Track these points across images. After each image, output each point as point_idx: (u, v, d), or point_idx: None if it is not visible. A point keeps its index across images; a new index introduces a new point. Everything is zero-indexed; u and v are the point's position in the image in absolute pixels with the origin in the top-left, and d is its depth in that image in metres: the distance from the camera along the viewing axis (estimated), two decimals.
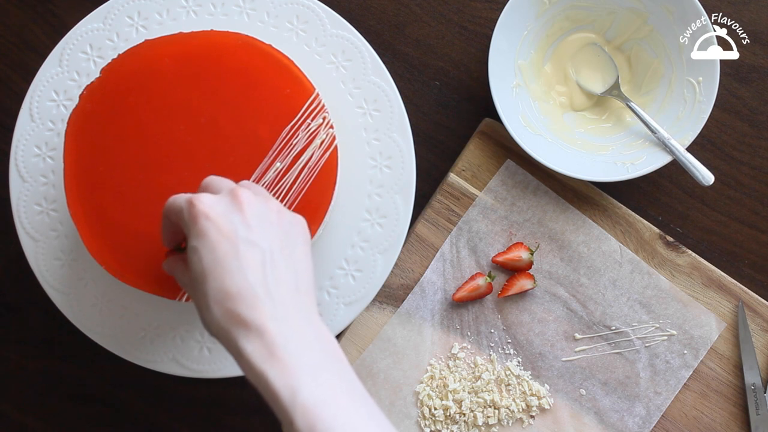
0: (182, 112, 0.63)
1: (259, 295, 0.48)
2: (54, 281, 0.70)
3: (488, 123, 0.77)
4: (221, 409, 0.78)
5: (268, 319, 0.47)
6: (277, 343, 0.46)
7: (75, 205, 0.63)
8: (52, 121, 0.71)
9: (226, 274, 0.48)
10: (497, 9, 0.77)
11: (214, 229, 0.50)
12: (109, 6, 0.71)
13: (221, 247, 0.49)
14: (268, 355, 0.46)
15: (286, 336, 0.47)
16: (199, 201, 0.51)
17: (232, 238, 0.50)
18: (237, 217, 0.51)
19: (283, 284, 0.50)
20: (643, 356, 0.75)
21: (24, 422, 0.78)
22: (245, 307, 0.48)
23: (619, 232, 0.76)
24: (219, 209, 0.51)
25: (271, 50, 0.65)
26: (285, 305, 0.49)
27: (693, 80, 0.73)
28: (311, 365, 0.47)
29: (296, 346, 0.47)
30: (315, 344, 0.48)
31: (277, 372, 0.46)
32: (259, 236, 0.51)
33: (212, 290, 0.48)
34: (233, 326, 0.47)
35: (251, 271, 0.49)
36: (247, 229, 0.50)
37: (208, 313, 0.49)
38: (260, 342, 0.46)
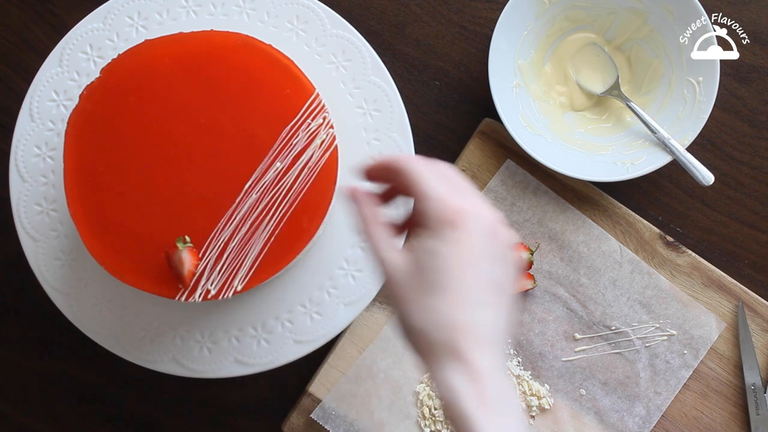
0: (182, 112, 0.63)
1: (487, 340, 0.46)
2: (54, 281, 0.70)
3: (488, 123, 0.77)
4: (221, 409, 0.78)
5: (486, 366, 0.46)
6: (490, 394, 0.45)
7: (75, 205, 0.63)
8: (52, 121, 0.71)
9: (465, 305, 0.46)
10: (497, 9, 0.77)
11: (469, 249, 0.47)
12: (109, 6, 0.71)
13: (469, 272, 0.47)
14: (479, 401, 0.45)
15: (497, 388, 0.46)
16: (468, 213, 0.47)
17: (481, 267, 0.47)
18: (488, 247, 0.48)
19: (502, 330, 0.48)
20: (643, 356, 0.75)
21: (24, 422, 0.78)
22: (471, 347, 0.46)
23: (619, 232, 0.76)
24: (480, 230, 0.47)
25: (271, 50, 0.65)
26: (499, 354, 0.47)
27: (693, 80, 0.73)
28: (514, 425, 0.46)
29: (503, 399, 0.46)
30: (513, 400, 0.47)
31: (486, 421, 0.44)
32: (502, 276, 0.48)
33: (444, 312, 0.46)
34: (449, 357, 0.46)
35: (488, 311, 0.47)
36: (495, 263, 0.48)
37: (426, 328, 0.46)
38: (475, 388, 0.45)
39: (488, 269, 0.47)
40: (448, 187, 0.48)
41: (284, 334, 0.69)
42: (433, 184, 0.48)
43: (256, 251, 0.63)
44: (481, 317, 0.46)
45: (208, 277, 0.63)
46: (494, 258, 0.48)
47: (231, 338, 0.69)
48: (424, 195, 0.48)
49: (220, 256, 0.63)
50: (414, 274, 0.47)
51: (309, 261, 0.69)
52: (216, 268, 0.63)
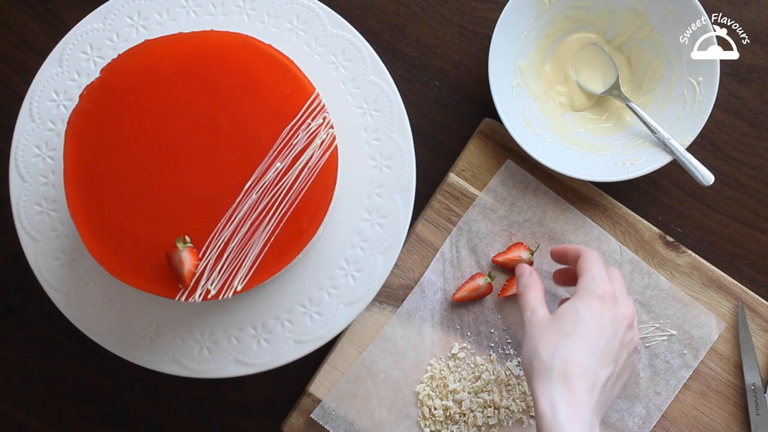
0: (182, 112, 0.63)
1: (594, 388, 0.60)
2: (54, 281, 0.70)
3: (488, 123, 0.77)
4: (221, 409, 0.78)
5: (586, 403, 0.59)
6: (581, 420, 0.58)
7: (75, 205, 0.63)
8: (52, 121, 0.71)
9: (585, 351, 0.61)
10: (497, 9, 0.77)
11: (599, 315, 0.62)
12: (109, 6, 0.71)
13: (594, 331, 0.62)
14: (574, 421, 0.57)
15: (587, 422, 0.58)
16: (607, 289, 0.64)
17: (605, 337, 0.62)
18: (619, 331, 0.63)
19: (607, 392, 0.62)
20: (643, 356, 0.75)
21: (24, 422, 0.78)
22: (579, 382, 0.59)
23: (619, 232, 0.76)
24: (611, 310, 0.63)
25: (271, 50, 0.65)
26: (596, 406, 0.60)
27: (693, 80, 0.73)
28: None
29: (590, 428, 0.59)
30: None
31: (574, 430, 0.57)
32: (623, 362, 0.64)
33: (567, 348, 0.61)
34: (560, 382, 0.59)
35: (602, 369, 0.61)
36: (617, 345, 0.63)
37: (549, 357, 0.61)
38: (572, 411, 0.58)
39: (610, 340, 0.62)
40: (607, 276, 0.65)
41: (284, 334, 0.69)
42: (599, 270, 0.65)
43: (256, 251, 0.63)
44: (593, 365, 0.60)
45: (208, 277, 0.63)
46: (619, 339, 0.63)
47: (231, 338, 0.69)
48: (587, 270, 0.65)
49: (220, 256, 0.63)
50: (553, 321, 0.63)
51: (309, 261, 0.69)
52: (216, 268, 0.63)
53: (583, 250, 0.68)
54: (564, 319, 0.62)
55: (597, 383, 0.60)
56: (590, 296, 0.63)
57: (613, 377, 0.62)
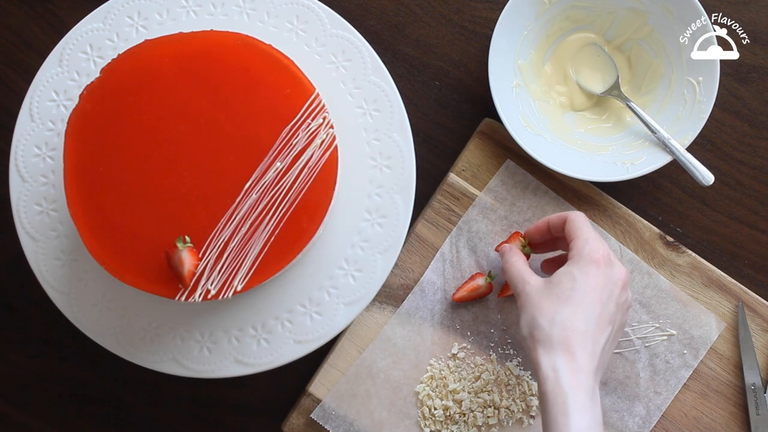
0: (182, 112, 0.63)
1: (595, 353, 0.61)
2: (54, 281, 0.70)
3: (488, 123, 0.77)
4: (221, 409, 0.78)
5: (588, 369, 0.60)
6: (584, 385, 0.59)
7: (75, 205, 0.63)
8: (52, 121, 0.71)
9: (584, 315, 0.61)
10: (497, 9, 0.77)
11: (596, 280, 0.62)
12: (109, 6, 0.71)
13: (592, 295, 0.62)
14: (576, 386, 0.58)
15: (589, 387, 0.59)
16: (603, 253, 0.64)
17: (601, 301, 0.62)
18: (615, 293, 0.63)
19: (606, 355, 0.63)
20: (643, 356, 0.75)
21: (24, 422, 0.78)
22: (579, 345, 0.60)
23: (619, 232, 0.76)
24: (605, 272, 0.63)
25: (271, 50, 0.65)
26: (597, 370, 0.61)
27: (693, 80, 0.73)
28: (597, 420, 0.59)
29: (593, 400, 0.59)
30: (599, 411, 0.60)
31: (577, 402, 0.58)
32: (618, 323, 0.64)
33: (566, 315, 0.61)
34: (561, 349, 0.60)
35: (601, 332, 0.62)
36: (614, 308, 0.63)
37: (549, 325, 0.61)
38: (575, 376, 0.59)
39: (607, 303, 0.62)
40: (599, 238, 0.65)
41: (284, 334, 0.69)
42: (587, 230, 0.65)
43: (256, 251, 0.63)
44: (593, 330, 0.61)
45: (208, 277, 0.63)
46: (615, 302, 0.63)
47: (231, 338, 0.69)
48: (578, 235, 0.65)
49: (220, 256, 0.63)
50: (548, 288, 0.63)
51: (309, 261, 0.69)
52: (216, 268, 0.63)
53: (568, 214, 0.67)
54: (560, 286, 0.62)
55: (597, 347, 0.61)
56: (585, 261, 0.63)
57: (611, 339, 0.63)
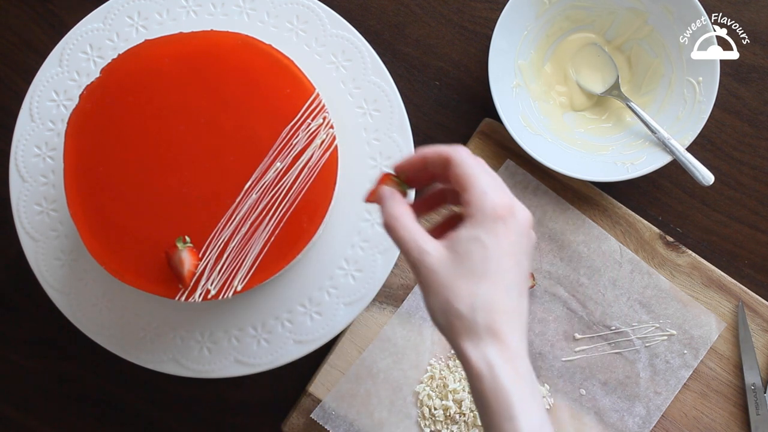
0: (182, 112, 0.63)
1: (522, 325, 0.50)
2: (54, 281, 0.70)
3: (488, 123, 0.77)
4: (221, 409, 0.78)
5: (521, 347, 0.50)
6: (524, 373, 0.49)
7: (75, 205, 0.63)
8: (52, 121, 0.71)
9: (505, 290, 0.50)
10: (497, 9, 0.77)
11: (509, 241, 0.50)
12: (109, 6, 0.71)
13: (509, 261, 0.50)
14: (517, 378, 0.48)
15: (528, 369, 0.50)
16: (511, 206, 0.50)
17: (518, 259, 0.50)
18: (523, 241, 0.51)
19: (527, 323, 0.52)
20: (643, 356, 0.75)
21: (24, 422, 0.78)
22: (510, 329, 0.49)
23: (619, 232, 0.76)
24: (518, 226, 0.51)
25: (271, 50, 0.65)
26: (526, 344, 0.51)
27: (693, 80, 0.73)
28: (542, 407, 0.50)
29: (533, 381, 0.50)
30: (537, 383, 0.51)
31: (522, 398, 0.48)
32: (528, 268, 0.52)
33: (486, 295, 0.49)
34: (490, 336, 0.49)
35: (523, 302, 0.51)
36: (525, 257, 0.51)
37: (470, 311, 0.49)
38: (512, 366, 0.49)
39: (522, 262, 0.51)
40: (493, 182, 0.50)
41: (284, 334, 0.69)
42: (486, 179, 0.50)
43: (256, 251, 0.63)
44: (518, 304, 0.50)
45: (208, 277, 0.63)
46: (525, 253, 0.51)
47: (231, 338, 0.69)
48: (472, 185, 0.50)
49: (220, 256, 0.63)
50: (456, 261, 0.50)
51: (309, 261, 0.69)
52: (216, 268, 0.63)
53: (451, 153, 0.51)
54: (471, 258, 0.49)
55: (523, 319, 0.51)
56: (489, 220, 0.49)
57: (527, 300, 0.53)
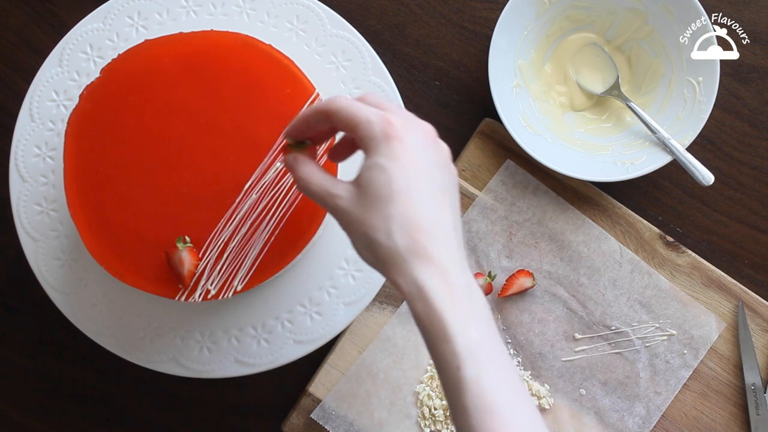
0: (182, 112, 0.63)
1: (447, 237, 0.48)
2: (54, 281, 0.70)
3: (488, 123, 0.77)
4: (221, 409, 0.78)
5: (451, 261, 0.47)
6: (457, 287, 0.47)
7: (75, 205, 0.63)
8: (52, 121, 0.71)
9: (418, 205, 0.48)
10: (497, 9, 0.77)
11: (408, 157, 0.48)
12: (109, 6, 0.71)
13: (414, 176, 0.48)
14: (449, 296, 0.46)
15: (463, 283, 0.47)
16: (397, 122, 0.49)
17: (425, 172, 0.49)
18: (427, 153, 0.50)
19: (460, 232, 0.50)
20: (643, 356, 0.75)
21: (24, 422, 0.78)
22: (433, 244, 0.47)
23: (619, 232, 0.76)
24: (413, 139, 0.49)
25: (271, 50, 0.65)
26: (461, 253, 0.49)
27: (693, 80, 0.73)
28: (482, 319, 0.47)
29: (471, 295, 0.47)
30: (481, 298, 0.48)
31: (455, 315, 0.46)
32: (443, 179, 0.50)
33: (399, 216, 0.47)
34: (415, 258, 0.47)
35: (443, 211, 0.49)
36: (436, 168, 0.50)
37: (387, 238, 0.48)
38: (443, 282, 0.46)
39: (435, 174, 0.49)
40: (376, 109, 0.50)
41: (284, 334, 0.69)
42: (362, 110, 0.50)
43: (256, 251, 0.63)
44: (438, 217, 0.48)
45: (208, 277, 0.63)
46: (436, 165, 0.50)
47: (231, 338, 0.69)
48: (356, 121, 0.50)
49: (220, 256, 0.63)
50: (362, 194, 0.49)
51: (309, 261, 0.69)
52: (216, 268, 0.63)
53: (327, 106, 0.51)
54: (373, 185, 0.48)
55: (449, 232, 0.48)
56: (382, 143, 0.49)
57: (455, 210, 0.51)
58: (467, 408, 0.45)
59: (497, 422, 0.45)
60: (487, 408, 0.45)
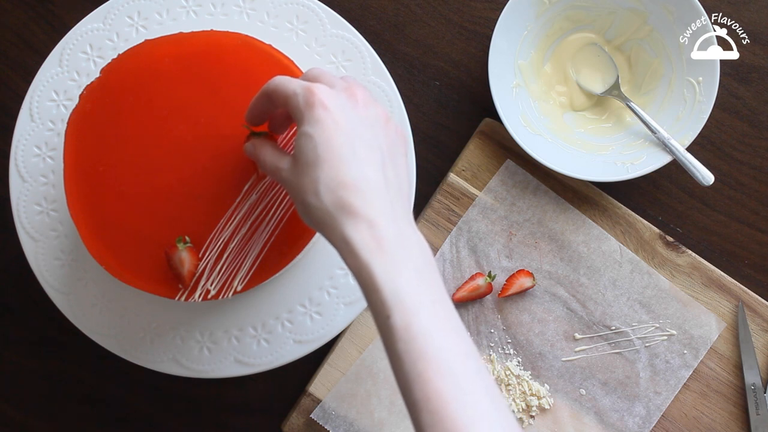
0: (182, 112, 0.63)
1: (375, 191, 0.49)
2: (54, 281, 0.70)
3: (488, 123, 0.77)
4: (221, 409, 0.78)
5: (380, 214, 0.49)
6: (386, 238, 0.48)
7: (75, 205, 0.63)
8: (52, 121, 0.71)
9: (343, 164, 0.49)
10: (497, 9, 0.77)
11: (331, 120, 0.50)
12: (109, 6, 0.71)
13: (338, 138, 0.50)
14: (376, 247, 0.47)
15: (394, 233, 0.48)
16: (319, 90, 0.51)
17: (350, 133, 0.50)
18: (354, 114, 0.52)
19: (394, 187, 0.51)
20: (643, 356, 0.75)
21: (24, 422, 0.78)
22: (359, 199, 0.49)
23: (619, 232, 0.76)
24: (337, 102, 0.51)
25: (271, 50, 0.65)
26: (394, 206, 0.50)
27: (693, 80, 0.73)
28: (414, 268, 0.48)
29: (402, 245, 0.48)
30: (416, 248, 0.49)
31: (382, 265, 0.47)
32: (374, 137, 0.52)
33: (325, 177, 0.49)
34: (342, 215, 0.48)
35: (369, 167, 0.50)
36: (363, 128, 0.51)
37: (316, 198, 0.49)
38: (370, 234, 0.48)
39: (363, 133, 0.51)
40: (304, 82, 0.52)
41: (284, 334, 0.69)
42: (290, 84, 0.52)
43: (256, 251, 0.63)
44: (365, 173, 0.50)
45: (208, 277, 0.63)
46: (365, 124, 0.52)
47: (231, 338, 0.69)
48: (285, 96, 0.52)
49: (220, 256, 0.63)
50: (296, 162, 0.52)
51: (309, 261, 0.69)
52: (216, 268, 0.63)
53: (266, 85, 0.54)
54: (303, 152, 0.51)
55: (380, 189, 0.49)
56: (306, 112, 0.51)
57: (388, 162, 0.52)
58: (399, 355, 0.46)
59: (429, 368, 0.46)
60: (418, 354, 0.46)
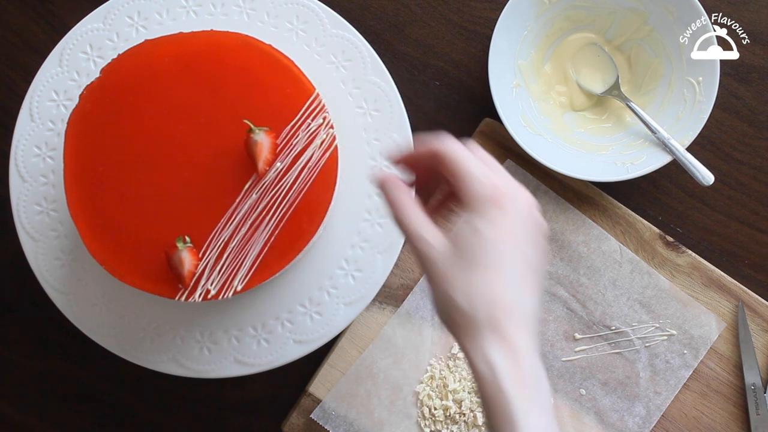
0: (182, 112, 0.63)
1: (527, 319, 0.48)
2: (54, 281, 0.70)
3: (488, 123, 0.77)
4: (221, 409, 0.78)
5: (525, 345, 0.47)
6: (526, 371, 0.46)
7: (75, 205, 0.63)
8: (52, 121, 0.71)
9: (505, 281, 0.47)
10: (497, 9, 0.77)
11: (507, 229, 0.48)
12: (109, 6, 0.71)
13: (508, 250, 0.48)
14: (517, 378, 0.46)
15: (531, 366, 0.47)
16: (506, 192, 0.48)
17: (519, 249, 0.48)
18: (528, 230, 0.49)
19: (537, 313, 0.50)
20: (643, 356, 0.75)
21: (24, 422, 0.78)
22: (512, 325, 0.47)
23: (619, 232, 0.76)
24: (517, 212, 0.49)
25: (271, 50, 0.65)
26: (534, 340, 0.48)
27: (693, 80, 0.73)
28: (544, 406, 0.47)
29: (538, 381, 0.47)
30: (545, 386, 0.48)
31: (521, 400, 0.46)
32: (535, 254, 0.49)
33: (484, 287, 0.47)
34: (489, 332, 0.47)
35: (527, 292, 0.48)
36: (528, 245, 0.49)
37: (467, 303, 0.47)
38: (513, 363, 0.46)
39: (526, 251, 0.48)
40: (486, 168, 0.49)
41: (284, 334, 0.69)
42: (474, 164, 0.49)
43: (256, 251, 0.63)
44: (521, 296, 0.47)
45: (208, 277, 0.63)
46: (532, 241, 0.49)
47: (231, 338, 0.69)
48: (468, 175, 0.49)
49: (220, 256, 0.63)
50: (455, 252, 0.48)
51: (309, 261, 0.69)
52: (216, 268, 0.63)
53: (438, 147, 0.50)
54: (468, 248, 0.48)
55: (528, 314, 0.48)
56: (483, 206, 0.48)
57: (538, 284, 0.50)
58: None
59: None
60: None
